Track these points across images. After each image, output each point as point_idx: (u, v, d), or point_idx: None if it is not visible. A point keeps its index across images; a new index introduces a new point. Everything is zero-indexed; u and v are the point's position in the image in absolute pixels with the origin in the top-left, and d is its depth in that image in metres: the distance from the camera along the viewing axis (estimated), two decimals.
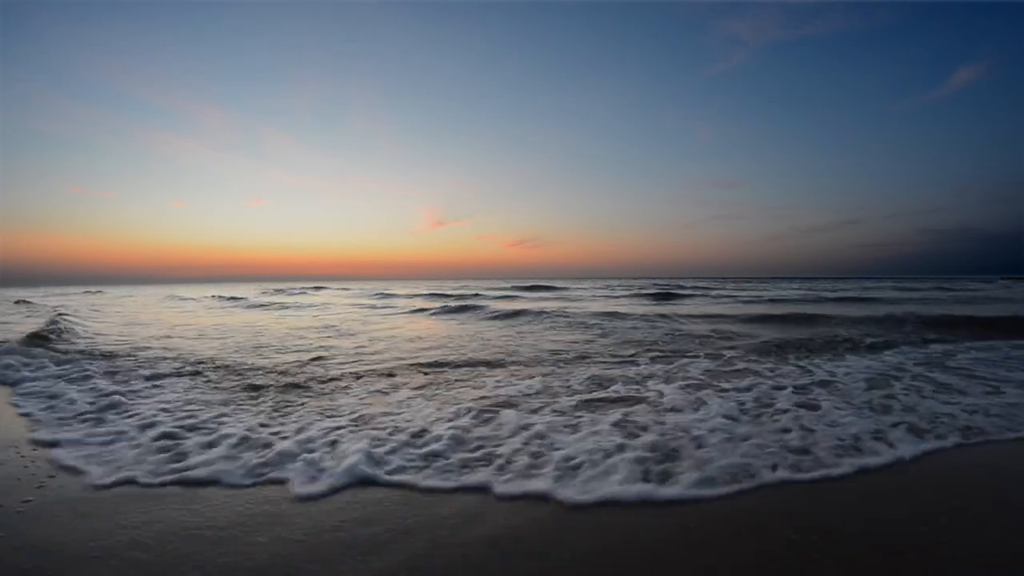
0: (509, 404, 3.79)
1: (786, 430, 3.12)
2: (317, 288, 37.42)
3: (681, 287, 29.71)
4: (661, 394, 4.09)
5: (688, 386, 4.36)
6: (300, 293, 28.62)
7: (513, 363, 5.74)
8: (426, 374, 5.08)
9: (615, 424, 3.25)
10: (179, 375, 4.93)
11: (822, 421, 3.30)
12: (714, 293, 22.38)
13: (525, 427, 3.20)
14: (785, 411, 3.55)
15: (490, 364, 5.64)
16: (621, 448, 2.78)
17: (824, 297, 17.61)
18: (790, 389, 4.26)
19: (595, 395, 4.10)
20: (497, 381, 4.67)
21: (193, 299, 23.69)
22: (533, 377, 4.84)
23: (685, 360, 5.69)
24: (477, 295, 22.20)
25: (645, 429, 3.15)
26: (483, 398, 4.01)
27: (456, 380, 4.76)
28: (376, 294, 26.20)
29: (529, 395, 4.14)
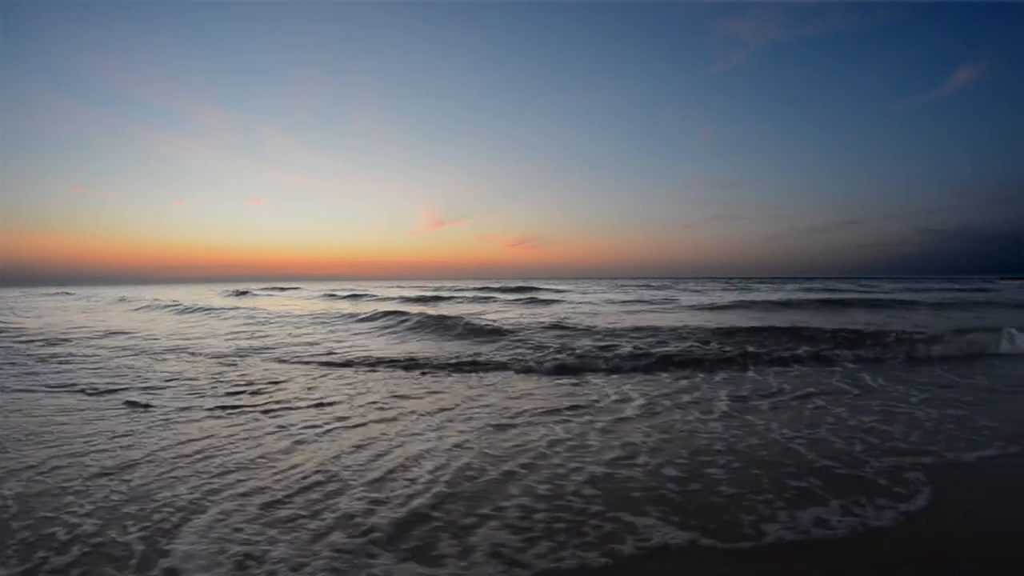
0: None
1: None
2: (285, 288, 36.85)
3: (652, 287, 29.15)
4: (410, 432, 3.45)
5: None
6: (247, 295, 28.01)
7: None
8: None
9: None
10: None
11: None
12: (687, 296, 21.80)
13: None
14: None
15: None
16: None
17: (809, 300, 16.99)
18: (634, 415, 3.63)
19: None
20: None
21: (132, 300, 23.12)
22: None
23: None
24: (440, 297, 21.64)
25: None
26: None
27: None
28: (325, 295, 25.70)
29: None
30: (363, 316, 12.65)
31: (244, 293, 30.32)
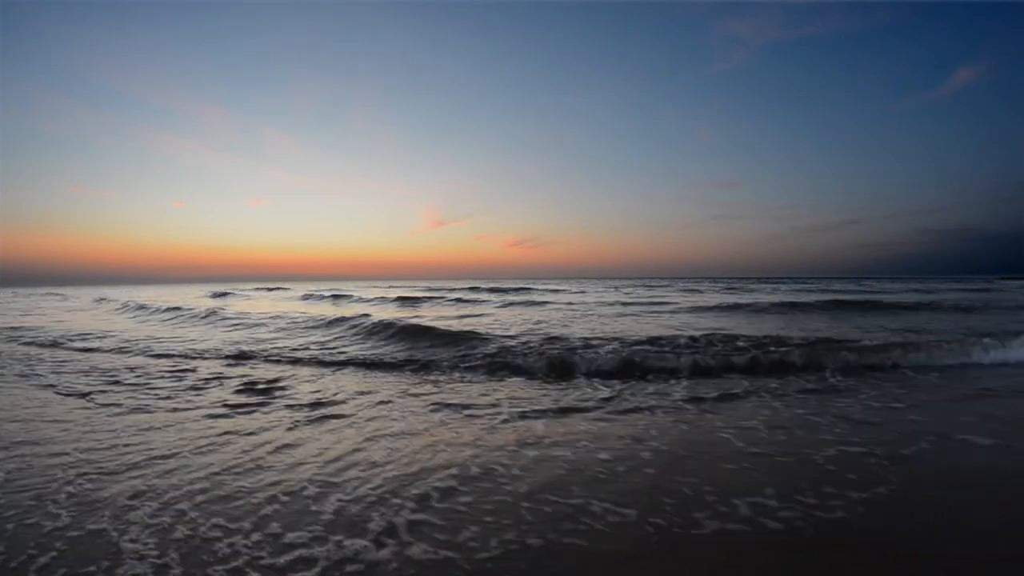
0: None
1: None
2: (272, 289, 36.85)
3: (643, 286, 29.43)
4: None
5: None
6: (228, 296, 28.02)
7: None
8: None
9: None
10: None
11: None
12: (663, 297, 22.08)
13: None
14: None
15: None
16: None
17: (800, 303, 17.25)
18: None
19: None
20: None
21: (107, 301, 23.13)
22: None
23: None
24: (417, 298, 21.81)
25: None
26: None
27: None
28: (304, 296, 25.72)
29: None
30: (324, 319, 12.29)
31: (225, 294, 30.31)
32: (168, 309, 16.81)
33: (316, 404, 4.60)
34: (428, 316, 13.59)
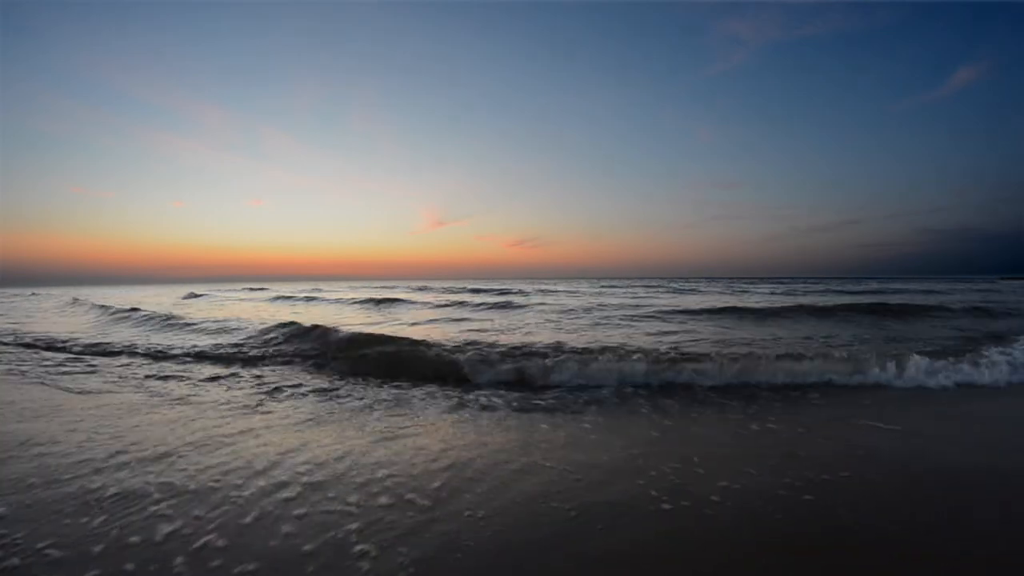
0: None
1: None
2: (254, 289, 36.12)
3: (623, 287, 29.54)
4: None
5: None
6: (203, 297, 27.32)
7: None
8: None
9: None
10: None
11: None
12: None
13: None
14: None
15: None
16: None
17: (790, 306, 17.15)
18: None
19: None
20: None
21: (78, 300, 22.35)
22: None
23: None
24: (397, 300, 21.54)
25: None
26: None
27: None
28: (276, 297, 25.04)
29: None
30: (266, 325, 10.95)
31: (198, 296, 29.60)
32: (129, 309, 16.23)
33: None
34: (355, 323, 13.03)
